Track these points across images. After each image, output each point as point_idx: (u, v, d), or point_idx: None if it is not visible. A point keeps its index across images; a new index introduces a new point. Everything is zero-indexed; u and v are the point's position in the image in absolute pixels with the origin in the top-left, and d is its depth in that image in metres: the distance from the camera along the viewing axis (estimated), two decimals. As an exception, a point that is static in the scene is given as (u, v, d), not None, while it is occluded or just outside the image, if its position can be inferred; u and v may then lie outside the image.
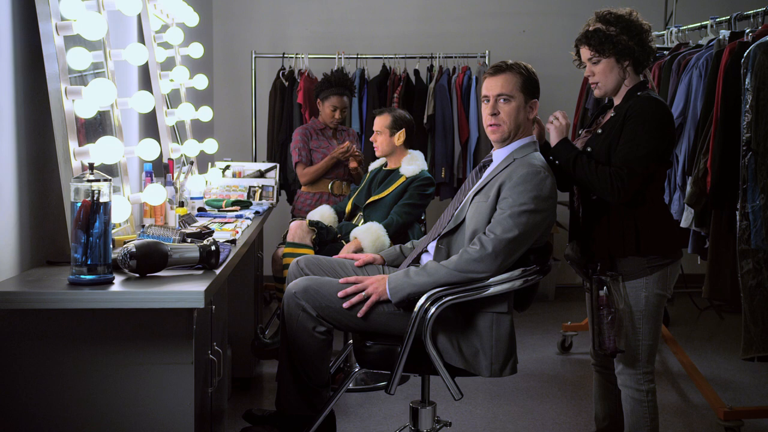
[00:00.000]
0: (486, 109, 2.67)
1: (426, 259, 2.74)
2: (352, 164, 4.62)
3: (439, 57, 5.60)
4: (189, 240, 2.51)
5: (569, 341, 4.70)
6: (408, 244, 2.99)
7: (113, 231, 2.67)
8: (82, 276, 2.03)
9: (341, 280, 2.64)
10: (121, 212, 2.51)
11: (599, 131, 2.72)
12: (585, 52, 2.71)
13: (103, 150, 2.38)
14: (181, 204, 3.37)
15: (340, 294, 2.58)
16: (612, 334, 2.65)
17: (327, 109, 4.69)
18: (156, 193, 2.89)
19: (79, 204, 2.01)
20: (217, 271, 2.28)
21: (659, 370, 4.32)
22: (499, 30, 6.14)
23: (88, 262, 2.02)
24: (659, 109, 2.63)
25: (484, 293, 2.50)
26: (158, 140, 3.63)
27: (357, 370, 2.69)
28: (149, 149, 2.88)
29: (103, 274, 2.04)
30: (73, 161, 2.34)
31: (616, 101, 2.73)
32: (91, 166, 2.05)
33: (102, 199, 2.03)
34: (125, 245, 2.17)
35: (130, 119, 3.47)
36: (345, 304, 2.57)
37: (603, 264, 2.68)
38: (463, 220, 2.64)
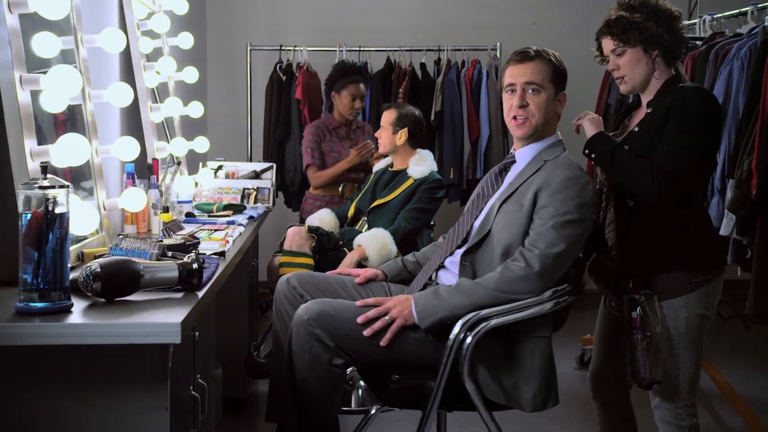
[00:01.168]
0: (512, 100, 2.35)
1: (445, 276, 2.39)
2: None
3: (447, 50, 5.31)
4: (170, 254, 2.16)
5: (588, 355, 4.37)
6: (409, 256, 2.65)
7: (84, 243, 2.33)
8: (32, 303, 1.66)
9: (358, 303, 2.28)
10: (86, 223, 2.14)
11: (636, 129, 2.39)
12: (607, 44, 2.40)
13: (65, 150, 2.02)
14: (166, 209, 3.03)
15: (359, 319, 2.22)
16: (647, 362, 2.31)
17: (345, 99, 4.37)
18: (134, 198, 2.55)
19: (28, 215, 1.66)
20: (200, 294, 1.93)
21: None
22: (509, 22, 5.84)
23: (41, 287, 1.66)
24: (708, 100, 2.34)
25: (521, 314, 2.18)
26: (142, 138, 3.31)
27: (375, 409, 2.34)
28: (127, 148, 2.56)
29: (59, 300, 1.68)
30: (31, 163, 1.99)
31: (646, 98, 2.41)
32: (44, 170, 1.69)
33: (57, 210, 1.67)
34: (90, 263, 1.81)
35: (109, 115, 3.14)
36: (366, 332, 2.21)
37: (635, 281, 2.35)
38: (489, 231, 2.30)
